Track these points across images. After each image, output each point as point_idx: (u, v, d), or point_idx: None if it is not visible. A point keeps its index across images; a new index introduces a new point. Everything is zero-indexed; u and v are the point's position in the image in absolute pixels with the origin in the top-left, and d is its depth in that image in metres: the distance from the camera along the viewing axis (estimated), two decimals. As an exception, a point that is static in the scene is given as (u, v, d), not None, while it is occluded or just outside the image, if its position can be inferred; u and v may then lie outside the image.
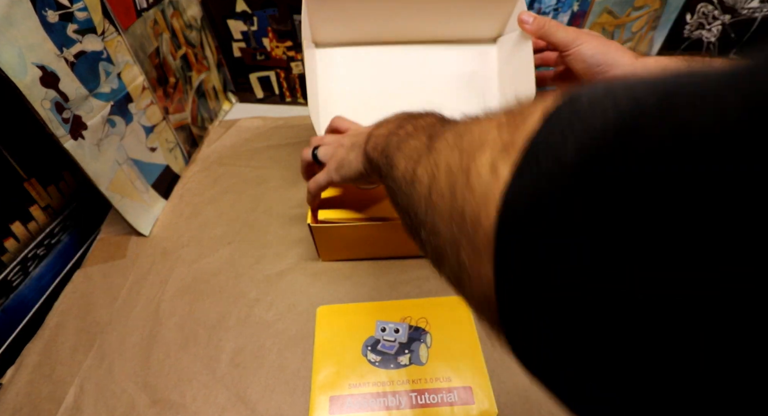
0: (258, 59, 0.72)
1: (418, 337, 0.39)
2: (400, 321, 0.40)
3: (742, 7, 0.65)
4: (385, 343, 0.39)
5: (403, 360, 0.37)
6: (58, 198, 0.49)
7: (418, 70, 0.52)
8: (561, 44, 0.42)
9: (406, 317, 0.41)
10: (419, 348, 0.38)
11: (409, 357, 0.38)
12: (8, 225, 0.42)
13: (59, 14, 0.39)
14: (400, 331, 0.40)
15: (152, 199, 0.54)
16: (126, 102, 0.49)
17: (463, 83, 0.52)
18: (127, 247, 0.50)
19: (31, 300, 0.44)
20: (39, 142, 0.44)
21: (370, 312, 0.41)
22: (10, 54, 0.34)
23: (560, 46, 0.42)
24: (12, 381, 0.38)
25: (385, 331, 0.40)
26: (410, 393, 0.35)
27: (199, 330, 0.41)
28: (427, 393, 0.35)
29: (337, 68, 0.51)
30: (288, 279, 0.45)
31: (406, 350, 0.38)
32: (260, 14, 0.66)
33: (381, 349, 0.38)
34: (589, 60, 0.41)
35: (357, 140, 0.34)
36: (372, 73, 0.52)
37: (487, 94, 0.52)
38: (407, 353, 0.38)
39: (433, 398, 0.35)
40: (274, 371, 0.37)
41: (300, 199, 0.56)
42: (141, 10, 0.52)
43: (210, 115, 0.72)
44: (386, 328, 0.40)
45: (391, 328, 0.40)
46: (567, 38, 0.41)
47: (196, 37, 0.66)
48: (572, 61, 0.42)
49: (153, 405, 0.35)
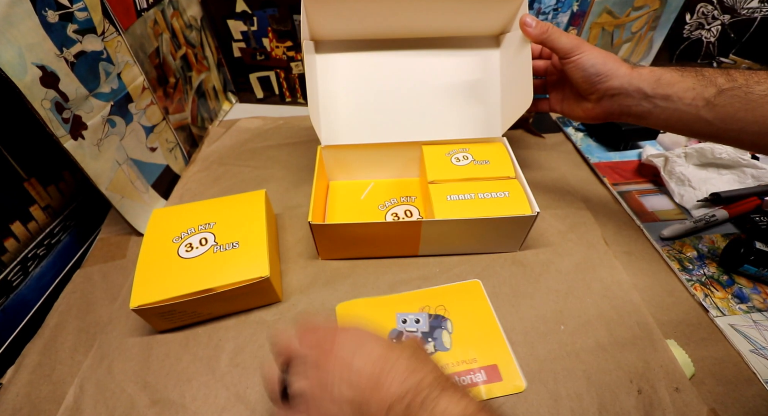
0: (258, 59, 0.72)
1: (439, 325, 0.40)
2: (420, 312, 0.41)
3: (741, 7, 0.65)
4: (408, 334, 0.40)
5: (428, 349, 0.38)
6: (58, 198, 0.49)
7: (418, 73, 0.52)
8: (563, 51, 0.42)
9: (424, 306, 0.42)
10: (441, 335, 0.39)
11: (434, 345, 0.39)
12: (8, 225, 0.42)
13: (59, 14, 0.39)
14: (421, 321, 0.40)
15: (152, 199, 0.54)
16: (126, 102, 0.49)
17: (464, 88, 0.52)
18: (127, 247, 0.50)
19: (31, 300, 0.44)
20: (39, 142, 0.44)
21: (389, 305, 0.42)
22: (10, 54, 0.34)
23: (561, 53, 0.42)
24: (12, 381, 0.38)
25: (407, 323, 0.40)
26: None
27: (199, 330, 0.41)
28: (456, 376, 0.36)
29: (337, 70, 0.51)
30: (288, 279, 0.45)
31: (429, 338, 0.39)
32: (260, 14, 0.66)
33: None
34: (589, 69, 0.41)
35: (359, 397, 0.24)
36: (372, 76, 0.51)
37: (488, 99, 0.52)
38: (431, 341, 0.39)
39: (462, 380, 0.36)
40: (274, 371, 0.37)
41: (300, 198, 0.56)
42: (141, 10, 0.52)
43: (210, 115, 0.72)
44: (407, 320, 0.41)
45: (412, 319, 0.41)
46: (569, 45, 0.41)
47: (196, 37, 0.66)
48: (572, 69, 0.42)
49: (153, 405, 0.35)
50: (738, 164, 0.53)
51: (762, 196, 0.49)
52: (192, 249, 0.41)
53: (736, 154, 0.53)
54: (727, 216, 0.48)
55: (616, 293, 0.42)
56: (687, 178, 0.53)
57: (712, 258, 0.45)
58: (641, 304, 0.41)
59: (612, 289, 0.43)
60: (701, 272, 0.44)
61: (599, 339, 0.38)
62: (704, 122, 0.38)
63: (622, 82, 0.40)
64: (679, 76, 0.38)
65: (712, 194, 0.50)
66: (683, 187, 0.52)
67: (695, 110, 0.38)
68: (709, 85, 0.37)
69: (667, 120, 0.40)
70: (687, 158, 0.54)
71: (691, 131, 0.39)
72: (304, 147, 0.65)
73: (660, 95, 0.39)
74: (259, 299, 0.42)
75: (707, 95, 0.37)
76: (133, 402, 0.36)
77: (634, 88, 0.40)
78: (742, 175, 0.52)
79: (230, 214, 0.44)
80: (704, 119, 0.37)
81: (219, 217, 0.44)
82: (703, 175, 0.53)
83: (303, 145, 0.66)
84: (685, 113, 0.38)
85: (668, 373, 0.35)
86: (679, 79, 0.38)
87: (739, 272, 0.43)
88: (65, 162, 0.41)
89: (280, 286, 0.44)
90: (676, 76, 0.38)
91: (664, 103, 0.39)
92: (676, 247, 0.47)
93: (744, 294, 0.42)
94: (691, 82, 0.38)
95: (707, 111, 0.37)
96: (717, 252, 0.46)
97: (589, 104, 0.44)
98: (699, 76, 0.38)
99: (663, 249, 0.46)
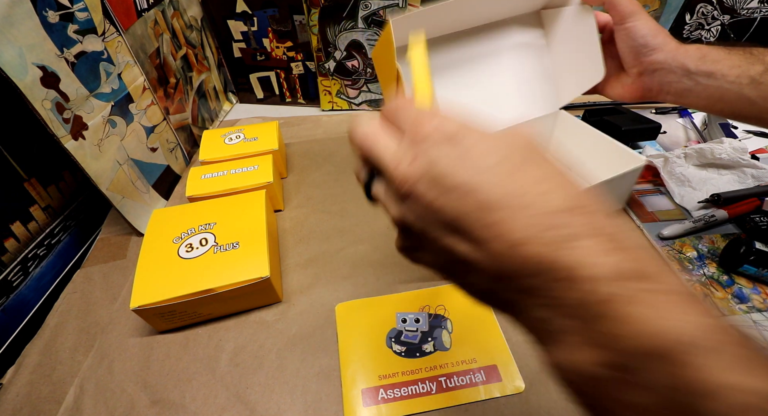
0: (258, 59, 0.72)
1: (439, 324, 0.40)
2: (420, 311, 0.41)
3: (741, 8, 0.65)
4: (407, 334, 0.40)
5: (428, 348, 0.38)
6: (59, 198, 0.49)
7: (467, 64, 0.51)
8: (621, 14, 0.40)
9: (424, 306, 0.42)
10: (441, 334, 0.39)
11: (433, 344, 0.39)
12: (8, 225, 0.42)
13: (60, 14, 0.39)
14: (421, 321, 0.41)
15: (153, 199, 0.54)
16: (126, 102, 0.49)
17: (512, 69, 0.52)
18: (127, 247, 0.50)
19: (32, 300, 0.44)
20: (39, 142, 0.44)
21: (389, 305, 0.42)
22: (11, 54, 0.34)
23: (618, 17, 0.40)
24: (12, 381, 0.38)
25: (406, 322, 0.41)
26: (439, 378, 0.36)
27: (199, 330, 0.41)
28: (455, 376, 0.36)
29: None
30: (288, 279, 0.45)
31: (429, 338, 0.39)
32: (260, 15, 0.66)
33: (405, 340, 0.39)
34: (639, 40, 0.40)
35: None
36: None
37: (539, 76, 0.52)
38: (431, 340, 0.39)
39: (461, 380, 0.36)
40: (274, 371, 0.37)
41: (299, 199, 0.56)
42: (141, 10, 0.52)
43: (210, 116, 0.72)
44: (407, 319, 0.41)
45: (412, 318, 0.41)
46: (629, 9, 0.40)
47: (197, 37, 0.66)
48: (623, 36, 0.41)
49: (153, 405, 0.35)
50: (738, 164, 0.53)
51: (762, 197, 0.49)
52: (192, 250, 0.41)
53: (736, 155, 0.53)
54: (727, 216, 0.48)
55: (616, 293, 0.42)
56: (687, 178, 0.53)
57: (712, 258, 0.45)
58: (641, 304, 0.41)
59: (612, 289, 0.42)
60: (701, 272, 0.44)
61: (599, 340, 0.38)
62: (747, 101, 0.36)
63: (667, 57, 0.39)
64: (725, 54, 0.37)
65: (712, 195, 0.50)
66: (683, 188, 0.52)
67: (738, 88, 0.36)
68: (757, 62, 0.35)
69: (708, 98, 0.38)
70: (687, 158, 0.54)
71: (733, 111, 0.38)
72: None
73: (703, 72, 0.37)
74: (259, 299, 0.42)
75: (753, 73, 0.35)
76: (133, 402, 0.36)
77: (677, 63, 0.38)
78: (742, 175, 0.52)
79: (230, 214, 0.44)
80: (748, 98, 0.36)
81: (219, 217, 0.44)
82: (703, 175, 0.53)
83: (302, 145, 0.66)
84: (728, 91, 0.36)
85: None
86: (726, 56, 0.37)
87: (738, 272, 0.43)
88: (65, 162, 0.41)
89: (280, 286, 0.44)
90: (723, 54, 0.37)
91: (706, 81, 0.37)
92: (676, 247, 0.47)
93: (744, 295, 0.42)
94: (737, 60, 0.36)
95: (751, 89, 0.35)
96: (717, 252, 0.46)
97: (629, 79, 0.43)
98: (747, 54, 0.36)
99: (663, 249, 0.46)
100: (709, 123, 0.63)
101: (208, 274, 0.38)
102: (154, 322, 0.39)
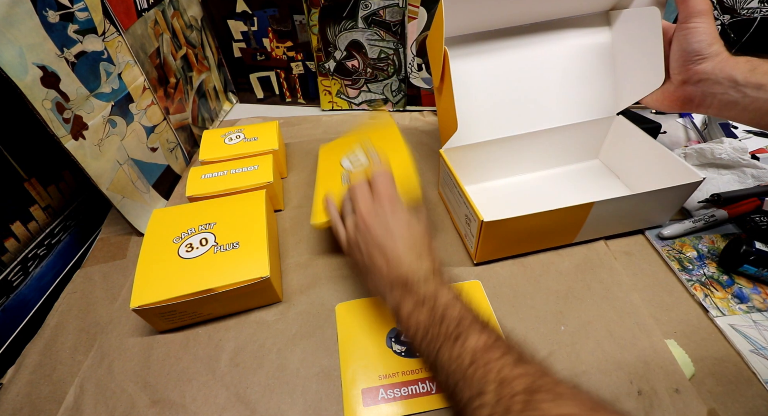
0: (258, 59, 0.72)
1: None
2: None
3: (741, 7, 0.65)
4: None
5: None
6: (59, 198, 0.49)
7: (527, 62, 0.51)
8: (689, 11, 0.39)
9: None
10: None
11: None
12: (8, 225, 0.42)
13: (60, 14, 0.39)
14: None
15: (153, 199, 0.54)
16: (127, 102, 0.49)
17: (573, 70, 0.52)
18: (127, 247, 0.50)
19: (32, 300, 0.44)
20: (39, 142, 0.44)
21: None
22: (11, 54, 0.34)
23: (686, 12, 0.40)
24: (12, 381, 0.38)
25: None
26: None
27: (199, 330, 0.41)
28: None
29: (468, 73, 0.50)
30: (288, 279, 0.45)
31: None
32: (260, 14, 0.66)
33: (405, 340, 0.39)
34: (695, 44, 0.39)
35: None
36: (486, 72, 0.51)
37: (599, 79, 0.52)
38: None
39: None
40: (274, 371, 0.37)
41: (299, 199, 0.56)
42: (141, 10, 0.52)
43: (211, 115, 0.72)
44: None
45: None
46: (699, 7, 0.39)
47: (197, 37, 0.66)
48: (680, 37, 0.40)
49: (153, 405, 0.35)
50: (738, 164, 0.53)
51: (762, 197, 0.49)
52: (192, 250, 0.41)
53: (736, 154, 0.53)
54: (727, 216, 0.48)
55: (616, 294, 0.42)
56: (687, 178, 0.53)
57: (711, 258, 0.45)
58: (641, 305, 0.41)
59: (612, 290, 0.43)
60: (701, 272, 0.44)
61: (599, 340, 0.38)
62: None
63: (714, 68, 0.38)
64: None
65: (713, 195, 0.50)
66: (683, 188, 0.52)
67: None
68: None
69: (756, 111, 0.37)
70: (687, 158, 0.54)
71: None
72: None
73: (753, 84, 0.37)
74: (259, 299, 0.42)
75: None
76: (133, 402, 0.36)
77: (724, 74, 0.38)
78: (742, 175, 0.52)
79: (230, 214, 0.44)
80: None
81: (219, 217, 0.44)
82: (703, 175, 0.53)
83: (302, 145, 0.66)
84: None
85: (668, 374, 0.35)
86: None
87: (738, 272, 0.43)
88: (65, 162, 0.41)
89: (280, 286, 0.44)
90: None
91: (755, 93, 0.37)
92: (675, 247, 0.47)
93: (744, 295, 0.42)
94: None
95: None
96: (717, 252, 0.46)
97: (671, 87, 0.42)
98: None
99: (663, 249, 0.46)
100: (709, 123, 0.63)
101: (208, 274, 0.38)
102: (154, 322, 0.39)
